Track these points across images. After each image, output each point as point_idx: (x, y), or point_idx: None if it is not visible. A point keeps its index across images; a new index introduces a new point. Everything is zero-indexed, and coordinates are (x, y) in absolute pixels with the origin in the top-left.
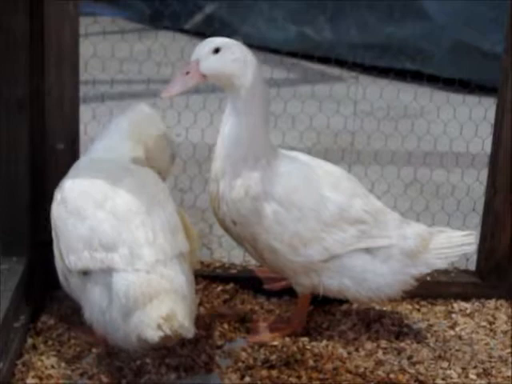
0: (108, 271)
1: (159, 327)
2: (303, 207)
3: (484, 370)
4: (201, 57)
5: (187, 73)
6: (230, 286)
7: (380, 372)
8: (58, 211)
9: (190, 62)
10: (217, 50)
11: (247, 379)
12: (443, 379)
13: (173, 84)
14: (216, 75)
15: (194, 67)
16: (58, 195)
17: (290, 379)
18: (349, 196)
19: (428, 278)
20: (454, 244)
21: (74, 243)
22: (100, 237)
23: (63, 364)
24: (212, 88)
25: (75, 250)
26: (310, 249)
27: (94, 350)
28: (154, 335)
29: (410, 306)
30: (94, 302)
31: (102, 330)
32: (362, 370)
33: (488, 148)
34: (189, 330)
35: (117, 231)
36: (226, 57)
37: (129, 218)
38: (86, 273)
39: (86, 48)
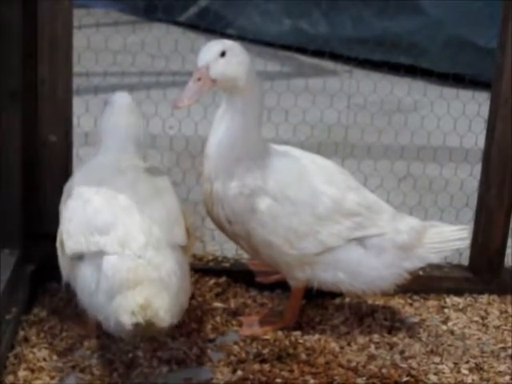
0: (100, 254)
1: (133, 314)
2: (297, 202)
3: (476, 364)
4: (209, 62)
5: (198, 79)
6: (223, 279)
7: (372, 366)
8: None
9: (199, 68)
10: (223, 54)
11: (239, 373)
12: (435, 374)
13: (186, 93)
14: (225, 79)
15: (204, 73)
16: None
17: (282, 373)
18: (342, 189)
19: (421, 273)
20: (448, 238)
21: (72, 228)
22: (96, 220)
23: (55, 356)
24: None
25: (72, 235)
26: (305, 242)
27: (85, 343)
28: (128, 320)
29: (402, 301)
30: (84, 283)
31: (90, 313)
32: (354, 364)
33: (481, 143)
34: (163, 319)
35: (113, 216)
36: (233, 60)
37: (126, 207)
38: (80, 257)
39: (79, 40)
